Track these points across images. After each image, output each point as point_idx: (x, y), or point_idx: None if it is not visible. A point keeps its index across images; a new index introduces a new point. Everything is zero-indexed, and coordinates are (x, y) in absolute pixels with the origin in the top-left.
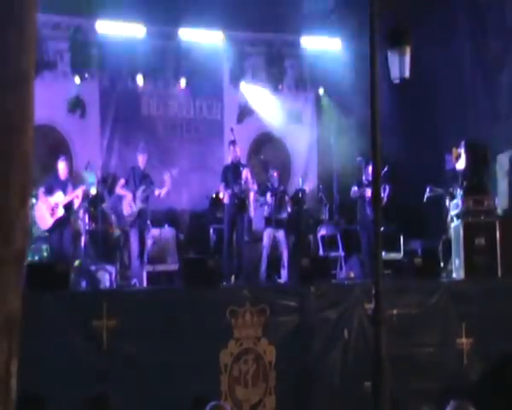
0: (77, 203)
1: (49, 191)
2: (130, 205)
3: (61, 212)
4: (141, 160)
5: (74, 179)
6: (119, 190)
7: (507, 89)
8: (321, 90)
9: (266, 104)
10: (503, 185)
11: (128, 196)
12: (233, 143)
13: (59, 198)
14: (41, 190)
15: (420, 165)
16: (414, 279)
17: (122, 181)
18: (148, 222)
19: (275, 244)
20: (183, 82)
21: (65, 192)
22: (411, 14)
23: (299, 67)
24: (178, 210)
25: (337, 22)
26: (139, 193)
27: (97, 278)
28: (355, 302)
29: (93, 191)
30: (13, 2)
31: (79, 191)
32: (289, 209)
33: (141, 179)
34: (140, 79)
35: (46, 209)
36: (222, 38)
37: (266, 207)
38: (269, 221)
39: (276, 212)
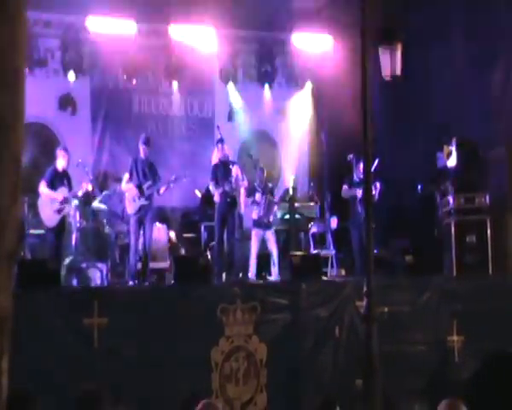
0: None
1: (52, 185)
2: (133, 199)
3: (68, 208)
4: (142, 149)
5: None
6: (124, 186)
7: (498, 87)
8: (312, 87)
9: (257, 102)
10: (494, 183)
11: (132, 190)
12: (221, 141)
13: (64, 193)
14: (43, 184)
15: (411, 162)
16: (405, 277)
17: (126, 176)
18: (149, 216)
19: (264, 243)
20: (173, 80)
21: (66, 186)
22: (404, 12)
23: (290, 64)
24: (169, 208)
25: (328, 19)
26: (145, 189)
27: (88, 275)
28: (346, 300)
29: (89, 188)
30: (3, 1)
31: (85, 185)
32: (276, 210)
33: (145, 171)
34: (131, 77)
35: (51, 205)
36: (213, 36)
37: (256, 208)
38: (258, 222)
39: (265, 213)
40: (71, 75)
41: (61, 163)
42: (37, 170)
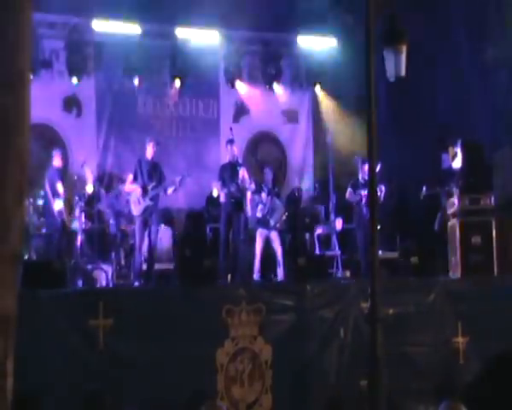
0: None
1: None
2: (138, 201)
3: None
4: (149, 149)
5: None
6: (127, 186)
7: (503, 88)
8: (317, 89)
9: (262, 103)
10: (499, 184)
11: (137, 191)
12: (231, 142)
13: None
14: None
15: (416, 164)
16: (410, 278)
17: (130, 177)
18: (153, 218)
19: (268, 244)
20: (178, 81)
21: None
22: (409, 13)
23: (296, 65)
24: (175, 209)
25: (333, 21)
26: (149, 189)
27: (93, 276)
28: (351, 301)
29: (89, 189)
30: (9, 3)
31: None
32: (281, 213)
33: (150, 172)
34: (136, 78)
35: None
36: (218, 37)
37: (260, 206)
38: (262, 221)
39: (270, 212)
40: (73, 77)
41: (56, 163)
42: (42, 171)
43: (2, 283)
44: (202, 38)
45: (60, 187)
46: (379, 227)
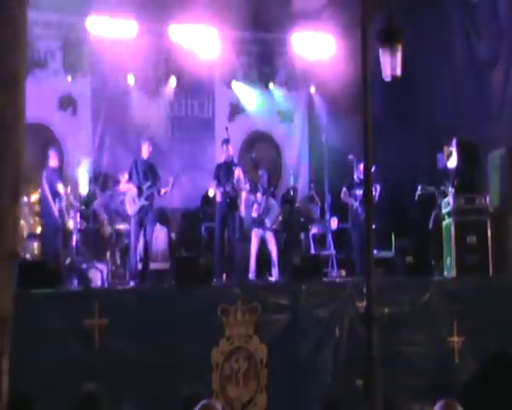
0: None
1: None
2: (133, 201)
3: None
4: (145, 149)
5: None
6: (122, 185)
7: (498, 87)
8: (312, 89)
9: (258, 103)
10: (494, 183)
11: (132, 190)
12: (227, 141)
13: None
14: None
15: (411, 163)
16: (405, 277)
17: (126, 176)
18: (150, 217)
19: (263, 244)
20: (174, 80)
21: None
22: (404, 13)
23: (291, 65)
24: (170, 209)
25: (328, 20)
26: (144, 189)
27: (89, 276)
28: (347, 301)
29: (84, 189)
30: (5, 3)
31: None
32: (276, 214)
33: (145, 172)
34: (131, 77)
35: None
36: (213, 37)
37: (256, 206)
38: (257, 221)
39: (265, 212)
40: (68, 76)
41: (53, 163)
42: (38, 171)
43: None
44: (198, 38)
45: (60, 187)
46: (374, 226)
